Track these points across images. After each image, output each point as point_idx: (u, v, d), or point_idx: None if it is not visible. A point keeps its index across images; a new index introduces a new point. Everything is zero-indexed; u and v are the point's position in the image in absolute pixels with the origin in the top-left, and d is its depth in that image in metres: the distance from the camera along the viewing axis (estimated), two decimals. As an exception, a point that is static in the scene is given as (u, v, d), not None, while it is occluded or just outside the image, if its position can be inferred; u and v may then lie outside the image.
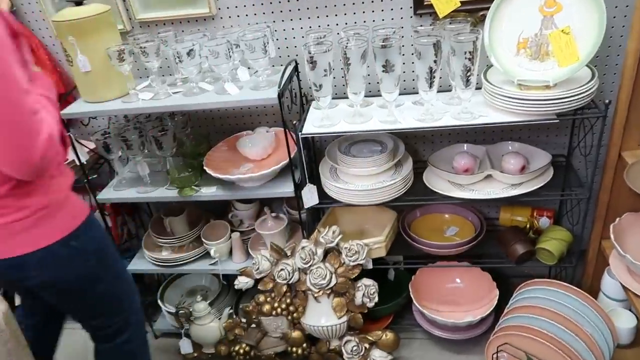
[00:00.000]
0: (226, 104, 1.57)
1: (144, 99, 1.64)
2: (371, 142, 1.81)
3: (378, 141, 1.80)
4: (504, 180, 1.66)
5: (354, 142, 1.82)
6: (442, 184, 1.73)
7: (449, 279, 2.06)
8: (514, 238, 1.77)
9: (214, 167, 1.78)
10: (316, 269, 1.79)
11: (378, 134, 1.82)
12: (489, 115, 1.52)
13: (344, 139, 1.83)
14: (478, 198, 1.64)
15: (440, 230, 1.97)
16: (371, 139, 1.82)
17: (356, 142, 1.82)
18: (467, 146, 1.82)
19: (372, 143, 1.80)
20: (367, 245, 1.80)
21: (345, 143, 1.81)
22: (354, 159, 1.69)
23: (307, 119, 1.69)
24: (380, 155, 1.68)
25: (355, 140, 1.82)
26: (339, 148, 1.76)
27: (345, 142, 1.82)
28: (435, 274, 2.03)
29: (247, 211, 2.03)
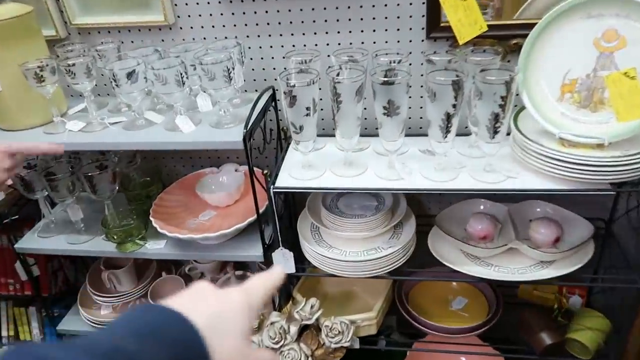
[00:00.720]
0: (176, 145, 1.19)
1: (72, 130, 1.26)
2: (365, 194, 1.44)
3: (373, 193, 1.43)
4: (533, 256, 1.29)
5: (343, 194, 1.45)
6: (452, 252, 1.36)
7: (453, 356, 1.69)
8: (539, 324, 1.41)
9: (163, 217, 1.40)
10: (288, 350, 1.42)
11: None
12: (520, 177, 1.16)
13: (331, 188, 1.46)
14: (498, 279, 1.27)
15: (445, 301, 1.61)
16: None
17: (346, 193, 1.45)
18: (485, 204, 1.45)
19: (366, 196, 1.43)
20: (354, 322, 1.43)
21: (332, 194, 1.44)
22: (341, 218, 1.31)
23: (283, 165, 1.31)
24: (375, 215, 1.31)
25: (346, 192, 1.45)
26: (323, 202, 1.38)
27: (332, 194, 1.44)
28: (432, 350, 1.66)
29: (209, 264, 1.65)
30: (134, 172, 1.54)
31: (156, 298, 1.58)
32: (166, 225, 1.36)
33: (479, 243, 1.34)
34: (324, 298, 1.64)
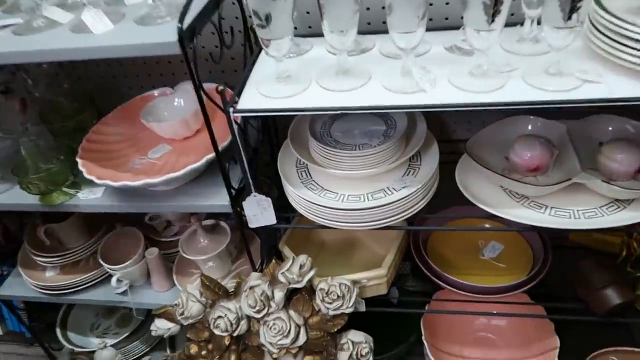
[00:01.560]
0: (83, 53, 0.79)
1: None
2: (368, 114, 1.06)
3: (380, 112, 1.05)
4: (606, 192, 0.92)
5: (339, 116, 1.06)
6: (490, 191, 0.99)
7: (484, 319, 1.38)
8: (602, 277, 1.07)
9: (97, 157, 1.04)
10: (274, 320, 1.10)
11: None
12: (605, 80, 0.76)
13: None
14: (558, 227, 0.91)
15: (474, 247, 1.26)
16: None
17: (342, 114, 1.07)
18: (534, 123, 1.06)
19: (370, 117, 1.04)
20: (358, 283, 1.10)
21: (323, 117, 1.05)
22: (336, 151, 0.94)
23: (250, 78, 0.92)
24: (384, 143, 0.94)
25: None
26: (311, 128, 1.00)
27: (322, 117, 1.06)
28: (459, 304, 1.34)
29: (175, 211, 1.30)
30: (61, 98, 1.16)
31: (108, 256, 1.25)
32: (98, 168, 0.99)
33: (527, 176, 0.97)
34: (320, 249, 1.31)
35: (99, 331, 1.55)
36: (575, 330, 1.32)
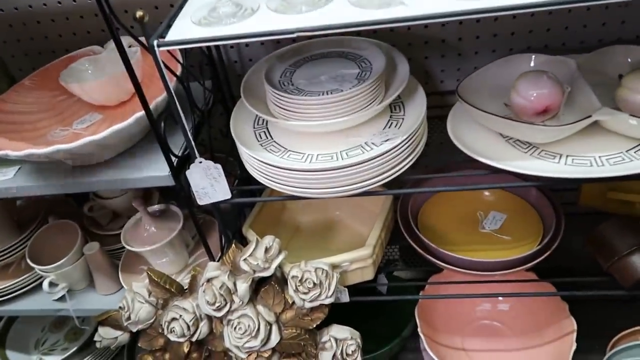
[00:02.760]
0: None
1: None
2: (337, 57, 0.87)
3: (352, 55, 0.86)
4: (633, 131, 0.75)
5: (303, 59, 0.88)
6: (489, 141, 0.82)
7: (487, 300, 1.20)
8: (628, 241, 0.90)
9: (4, 129, 0.84)
10: (239, 318, 0.91)
11: (350, 40, 0.88)
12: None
13: (282, 54, 0.89)
14: (576, 177, 0.73)
15: (473, 219, 1.08)
16: (337, 50, 0.88)
17: (306, 57, 0.88)
18: (537, 59, 0.88)
19: (340, 60, 0.86)
20: (338, 267, 0.91)
21: (286, 62, 0.87)
22: (300, 98, 0.75)
23: (185, 5, 0.73)
24: (357, 86, 0.75)
25: (305, 55, 0.88)
26: (268, 79, 0.81)
27: (284, 60, 0.87)
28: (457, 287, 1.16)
29: (119, 197, 1.10)
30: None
31: (39, 255, 1.04)
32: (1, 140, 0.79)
33: (535, 121, 0.79)
34: (294, 233, 1.12)
35: (45, 348, 1.34)
36: (593, 310, 1.15)
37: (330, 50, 0.89)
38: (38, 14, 1.00)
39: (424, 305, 1.13)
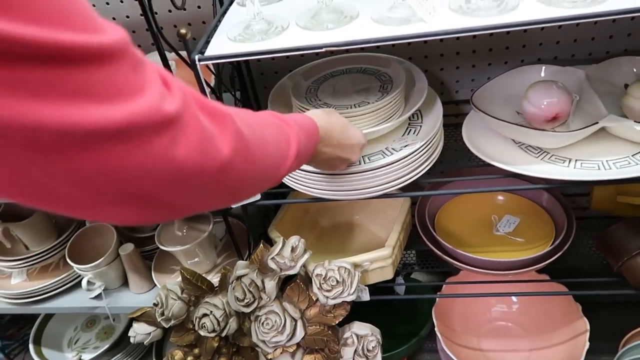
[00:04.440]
0: None
1: None
2: (357, 72, 0.93)
3: (370, 70, 0.93)
4: (634, 137, 0.80)
5: (324, 76, 0.94)
6: (502, 146, 0.87)
7: (498, 297, 1.24)
8: (638, 242, 0.94)
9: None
10: (266, 314, 0.96)
11: (369, 58, 0.94)
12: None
13: (306, 71, 0.95)
14: (585, 179, 0.78)
15: (487, 223, 1.13)
16: (357, 66, 0.95)
17: (327, 74, 0.94)
18: (547, 70, 0.93)
19: (360, 76, 0.92)
20: (359, 266, 0.97)
21: (309, 79, 0.93)
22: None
23: (220, 26, 0.80)
24: (382, 98, 0.82)
25: (326, 71, 0.95)
26: (294, 90, 0.88)
27: (308, 77, 0.94)
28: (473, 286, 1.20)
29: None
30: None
31: (78, 256, 1.11)
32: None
33: (546, 127, 0.85)
34: (317, 235, 1.18)
35: (78, 346, 1.41)
36: (606, 310, 1.19)
37: (351, 66, 0.95)
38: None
39: (441, 306, 1.18)
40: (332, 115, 0.71)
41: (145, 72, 0.33)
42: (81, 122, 0.28)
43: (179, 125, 0.34)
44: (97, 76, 0.29)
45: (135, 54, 0.33)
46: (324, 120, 0.67)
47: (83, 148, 0.29)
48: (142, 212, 0.36)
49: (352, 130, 0.74)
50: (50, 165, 0.29)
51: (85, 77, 0.29)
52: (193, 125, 0.35)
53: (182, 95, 0.35)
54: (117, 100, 0.30)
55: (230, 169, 0.40)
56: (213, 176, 0.38)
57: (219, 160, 0.38)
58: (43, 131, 0.27)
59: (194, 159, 0.35)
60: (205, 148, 0.37)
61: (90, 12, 0.30)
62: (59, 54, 0.27)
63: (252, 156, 0.44)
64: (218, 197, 0.42)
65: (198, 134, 0.36)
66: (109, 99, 0.30)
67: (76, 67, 0.28)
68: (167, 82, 0.35)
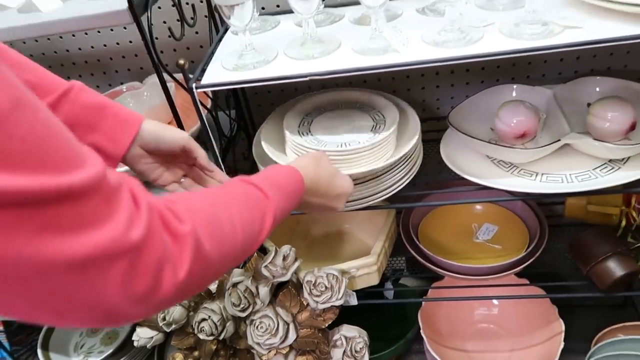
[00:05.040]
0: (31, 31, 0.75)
1: None
2: (352, 108, 0.99)
3: (366, 107, 0.98)
4: (599, 153, 0.88)
5: (320, 109, 1.00)
6: (476, 161, 0.94)
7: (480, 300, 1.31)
8: (603, 248, 1.01)
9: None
10: (260, 319, 1.04)
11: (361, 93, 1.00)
12: (586, 25, 0.72)
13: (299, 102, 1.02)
14: (548, 192, 0.85)
15: (468, 231, 1.20)
16: (350, 101, 1.01)
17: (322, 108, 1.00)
18: (518, 90, 1.01)
19: (355, 112, 0.97)
20: (346, 273, 1.04)
21: (301, 115, 0.99)
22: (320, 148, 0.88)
23: (215, 55, 0.87)
24: (374, 138, 0.87)
25: (320, 104, 1.00)
26: (287, 123, 0.93)
27: (303, 109, 1.00)
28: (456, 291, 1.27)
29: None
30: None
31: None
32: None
33: (515, 144, 0.92)
34: (307, 243, 1.25)
35: (83, 351, 1.47)
36: (581, 313, 1.26)
37: (344, 100, 1.01)
38: (86, 55, 1.16)
39: (427, 310, 1.25)
40: (321, 163, 0.71)
41: (117, 199, 0.36)
42: (41, 254, 0.31)
43: (139, 252, 0.36)
44: (65, 211, 0.32)
45: (109, 185, 0.35)
46: (312, 170, 0.68)
47: (41, 278, 0.31)
48: (102, 322, 0.38)
49: (340, 180, 0.74)
50: (7, 289, 0.32)
51: (52, 213, 0.31)
52: (154, 250, 0.37)
53: (149, 218, 0.37)
54: (81, 232, 0.33)
55: (188, 285, 0.41)
56: (169, 295, 0.39)
57: (174, 284, 0.39)
58: (3, 261, 0.30)
59: (150, 284, 0.37)
60: (162, 274, 0.38)
61: (68, 149, 0.33)
62: (30, 197, 0.30)
63: (214, 264, 0.45)
64: (180, 300, 0.43)
65: (157, 260, 0.37)
66: (73, 231, 0.32)
67: (45, 207, 0.31)
68: (137, 202, 0.37)
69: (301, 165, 0.68)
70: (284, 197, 0.59)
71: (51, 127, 0.33)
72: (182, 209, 0.43)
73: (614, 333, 1.06)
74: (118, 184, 0.37)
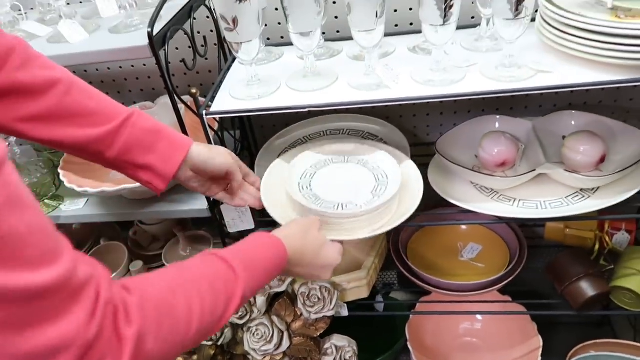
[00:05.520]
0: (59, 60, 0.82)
1: None
2: (356, 166, 0.99)
3: (371, 165, 0.98)
4: (571, 182, 0.96)
5: (322, 165, 1.01)
6: (461, 187, 1.02)
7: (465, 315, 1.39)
8: (576, 270, 1.09)
9: (80, 169, 1.07)
10: (257, 326, 1.11)
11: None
12: (556, 70, 0.80)
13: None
14: (525, 217, 0.93)
15: (453, 250, 1.28)
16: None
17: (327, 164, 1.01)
18: (501, 121, 1.10)
19: (358, 170, 0.98)
20: (338, 286, 1.12)
21: (305, 166, 0.99)
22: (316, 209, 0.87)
23: (223, 84, 0.96)
24: (373, 204, 0.87)
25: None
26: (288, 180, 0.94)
27: (304, 164, 1.00)
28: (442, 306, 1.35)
29: (158, 224, 1.32)
30: (44, 115, 1.19)
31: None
32: (79, 179, 1.02)
33: (496, 171, 1.01)
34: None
35: None
36: (561, 330, 1.33)
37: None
38: (102, 76, 1.25)
39: (414, 323, 1.32)
40: (310, 232, 0.72)
41: (81, 297, 0.39)
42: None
43: (87, 349, 0.39)
44: (30, 307, 0.36)
45: (77, 281, 0.39)
46: (298, 241, 0.68)
47: None
48: None
49: (327, 250, 0.75)
50: None
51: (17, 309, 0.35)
52: (99, 349, 0.40)
53: (103, 317, 0.41)
54: (41, 327, 0.36)
55: None
56: None
57: None
58: None
59: None
60: None
61: (44, 245, 0.37)
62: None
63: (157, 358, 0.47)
64: None
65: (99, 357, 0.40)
66: (33, 326, 0.36)
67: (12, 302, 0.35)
68: (98, 299, 0.41)
69: (287, 234, 0.68)
70: (258, 273, 0.59)
71: (34, 225, 0.37)
72: (135, 304, 0.45)
73: (586, 349, 1.13)
74: (86, 280, 0.40)
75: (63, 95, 0.66)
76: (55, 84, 0.66)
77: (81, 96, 0.68)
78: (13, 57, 0.64)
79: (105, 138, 0.69)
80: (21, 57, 0.64)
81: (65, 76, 0.68)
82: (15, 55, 0.64)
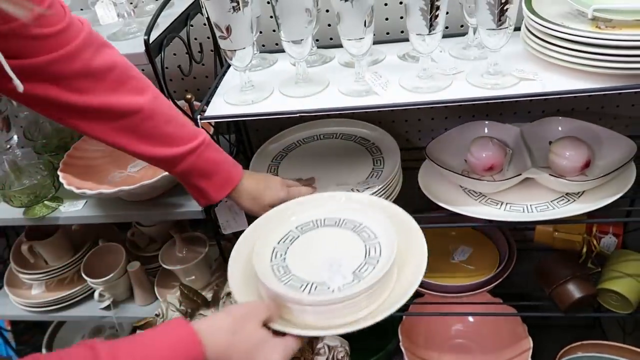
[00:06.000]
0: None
1: None
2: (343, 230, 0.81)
3: (366, 232, 0.80)
4: (556, 187, 0.98)
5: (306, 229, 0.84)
6: (450, 190, 1.05)
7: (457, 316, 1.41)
8: (564, 273, 1.11)
9: (79, 171, 1.09)
10: (251, 326, 1.13)
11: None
12: (540, 78, 0.83)
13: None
14: (511, 220, 0.96)
15: (445, 252, 1.31)
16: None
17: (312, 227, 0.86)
18: (489, 127, 1.12)
19: (346, 235, 0.79)
20: (331, 287, 1.13)
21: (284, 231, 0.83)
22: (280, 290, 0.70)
23: (218, 90, 0.99)
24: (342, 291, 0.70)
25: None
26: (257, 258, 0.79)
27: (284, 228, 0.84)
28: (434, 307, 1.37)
29: (155, 226, 1.35)
30: (43, 118, 1.22)
31: (91, 271, 1.29)
32: (78, 180, 1.05)
33: (484, 175, 1.03)
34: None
35: None
36: (550, 332, 1.35)
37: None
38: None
39: (407, 324, 1.35)
40: (245, 328, 0.59)
41: None
42: None
43: None
44: None
45: None
46: (223, 341, 0.56)
47: None
48: None
49: (266, 353, 0.60)
50: None
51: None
52: None
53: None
54: None
55: None
56: None
57: None
58: None
59: None
60: None
61: None
62: None
63: None
64: None
65: None
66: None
67: None
68: None
69: (212, 331, 0.56)
70: None
71: None
72: None
73: (574, 351, 1.15)
74: None
75: (141, 121, 0.75)
76: (137, 111, 0.74)
77: (160, 121, 0.78)
78: (111, 76, 0.72)
79: (173, 159, 0.80)
80: (117, 79, 0.72)
81: (147, 103, 0.75)
82: (113, 75, 0.72)
